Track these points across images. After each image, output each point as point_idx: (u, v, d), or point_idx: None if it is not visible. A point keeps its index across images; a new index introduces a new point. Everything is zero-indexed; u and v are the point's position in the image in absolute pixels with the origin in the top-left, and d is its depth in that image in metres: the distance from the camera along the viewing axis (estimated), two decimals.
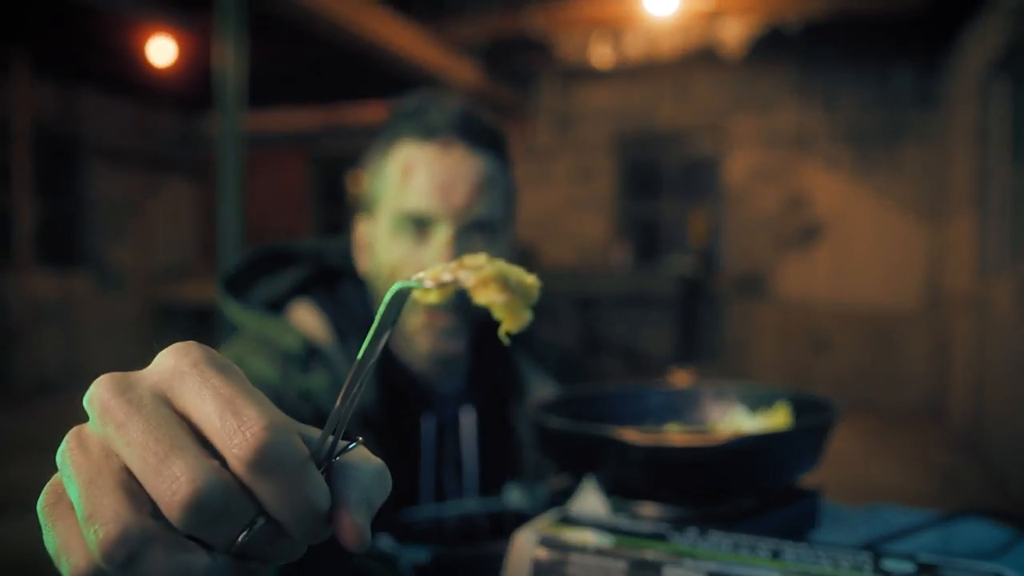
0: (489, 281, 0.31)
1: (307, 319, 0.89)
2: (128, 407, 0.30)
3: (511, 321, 0.32)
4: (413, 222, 0.85)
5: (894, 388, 6.27)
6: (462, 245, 0.84)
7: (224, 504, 0.28)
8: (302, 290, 0.93)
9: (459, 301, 0.84)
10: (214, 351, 0.32)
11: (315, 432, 0.33)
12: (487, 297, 0.31)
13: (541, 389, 0.97)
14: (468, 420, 0.94)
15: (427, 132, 0.85)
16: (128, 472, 0.29)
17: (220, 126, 3.89)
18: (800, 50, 6.14)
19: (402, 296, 0.31)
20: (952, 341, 5.61)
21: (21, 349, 6.30)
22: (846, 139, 6.38)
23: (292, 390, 0.81)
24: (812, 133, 6.46)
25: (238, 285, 0.90)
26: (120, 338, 7.71)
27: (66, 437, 0.31)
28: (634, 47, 5.33)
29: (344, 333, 0.89)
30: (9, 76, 6.09)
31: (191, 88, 7.05)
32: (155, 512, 0.28)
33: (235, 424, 0.29)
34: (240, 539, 0.29)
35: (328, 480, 0.32)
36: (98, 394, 0.30)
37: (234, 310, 0.87)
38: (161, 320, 8.01)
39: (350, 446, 0.34)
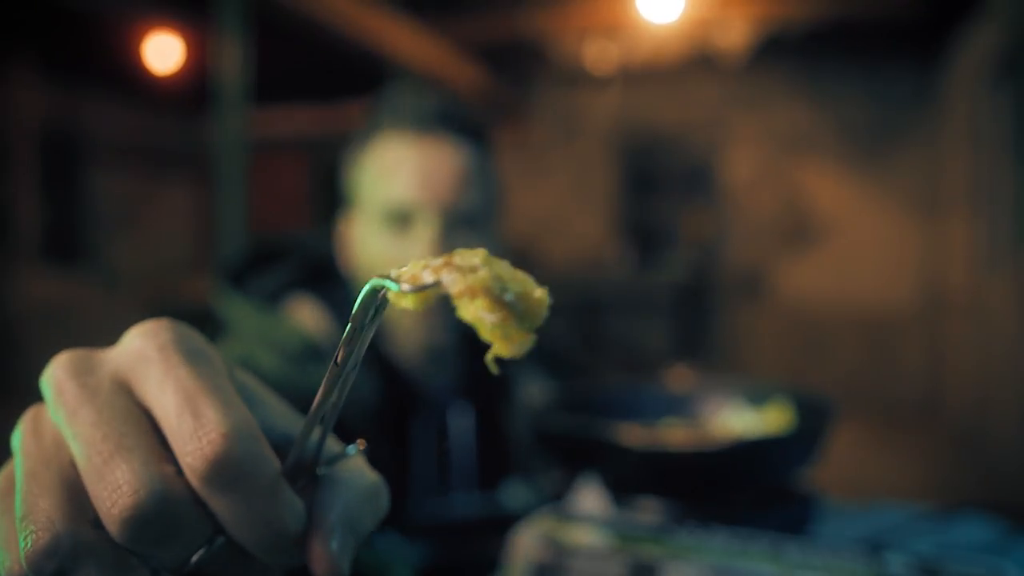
0: (479, 291, 0.25)
1: (309, 315, 0.87)
2: (81, 393, 0.26)
3: (504, 346, 0.25)
4: (396, 215, 0.82)
5: (892, 386, 6.28)
6: (446, 238, 0.82)
7: (171, 520, 0.24)
8: (299, 284, 0.90)
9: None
10: (190, 333, 0.28)
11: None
12: (474, 312, 0.24)
13: (533, 384, 0.96)
14: (460, 416, 0.93)
15: (407, 124, 0.83)
16: (76, 468, 0.25)
17: (220, 127, 3.89)
18: (799, 51, 6.15)
19: (378, 294, 0.26)
20: (950, 339, 5.61)
21: (22, 348, 6.31)
22: (845, 139, 6.38)
23: (303, 386, 0.78)
24: (811, 133, 6.47)
25: (234, 280, 0.88)
26: (118, 338, 7.70)
27: (22, 418, 0.28)
28: (635, 49, 5.33)
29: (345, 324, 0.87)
30: (11, 77, 6.09)
31: (193, 88, 7.05)
32: (99, 519, 0.24)
33: (192, 427, 0.24)
34: (194, 560, 0.25)
35: (309, 496, 0.27)
36: (54, 373, 0.27)
37: (238, 307, 0.84)
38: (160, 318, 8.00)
39: (348, 451, 0.29)
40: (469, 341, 0.96)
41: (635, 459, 0.59)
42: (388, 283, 0.25)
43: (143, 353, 0.27)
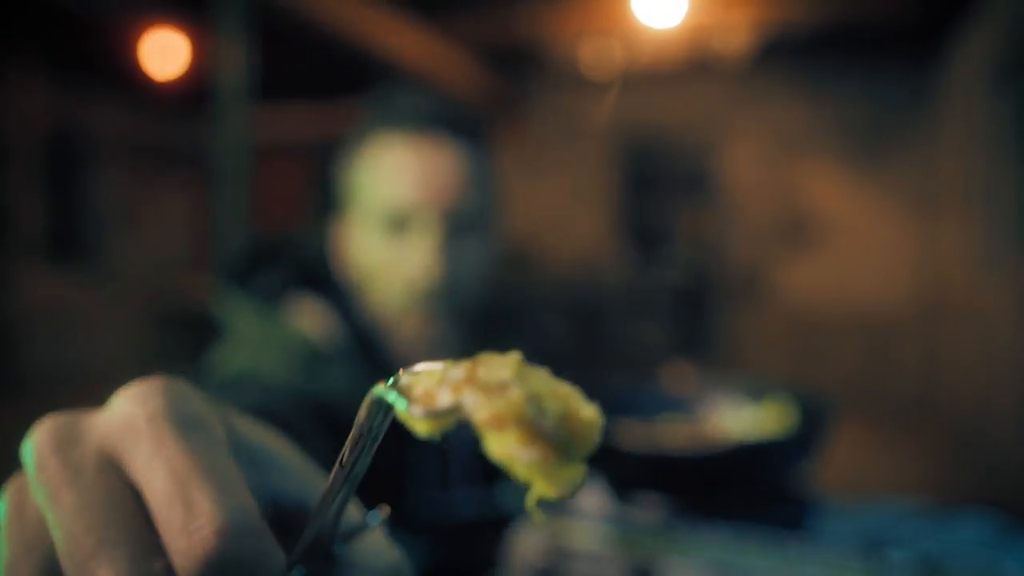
0: (510, 420, 0.20)
1: (311, 315, 0.86)
2: (63, 471, 0.23)
3: (547, 485, 0.20)
4: (393, 218, 0.81)
5: (891, 386, 6.28)
6: (446, 240, 0.82)
7: None
8: (299, 283, 0.90)
9: (445, 296, 0.84)
10: (186, 396, 0.25)
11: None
12: (504, 447, 0.20)
13: None
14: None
15: (405, 125, 0.82)
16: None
17: (220, 127, 3.89)
18: (798, 52, 6.15)
19: (383, 409, 0.23)
20: (949, 339, 5.61)
21: (20, 349, 6.31)
22: (844, 140, 6.38)
23: (309, 389, 0.77)
24: (810, 134, 6.47)
25: (236, 280, 0.87)
26: (121, 337, 7.71)
27: (7, 488, 0.25)
28: (635, 50, 5.33)
29: (351, 328, 0.87)
30: (12, 78, 6.09)
31: (193, 89, 7.06)
32: None
33: (182, 519, 0.22)
34: None
35: None
36: (36, 444, 0.24)
37: (241, 308, 0.84)
38: (162, 320, 8.01)
39: (368, 522, 0.27)
40: (469, 336, 0.96)
41: (635, 459, 0.59)
42: (396, 400, 0.22)
43: (132, 423, 0.24)
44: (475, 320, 0.93)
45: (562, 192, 7.27)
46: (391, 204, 0.82)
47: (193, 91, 7.06)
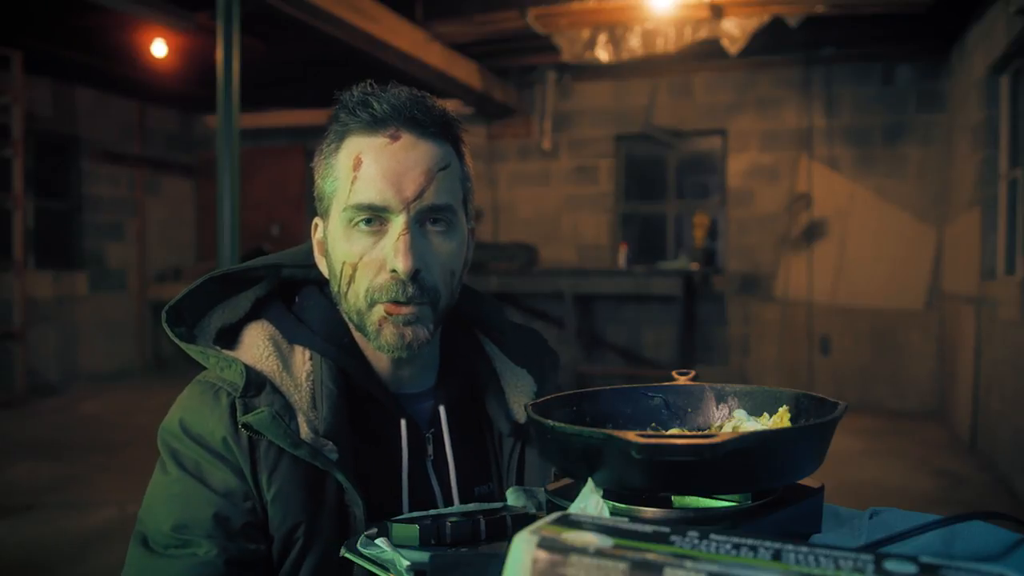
0: None
1: (256, 343, 0.86)
2: None
3: None
4: (365, 216, 0.83)
5: (897, 388, 6.27)
6: (416, 235, 0.82)
7: None
8: (262, 306, 0.90)
9: (419, 291, 0.84)
10: None
11: None
12: None
13: (515, 381, 0.96)
14: (445, 419, 0.92)
15: (373, 124, 0.83)
16: None
17: (220, 126, 3.88)
18: (801, 48, 6.14)
19: None
20: (955, 342, 5.60)
21: (18, 349, 6.30)
22: (848, 138, 6.38)
23: (239, 439, 0.80)
24: (814, 132, 6.46)
25: (189, 315, 0.87)
26: (117, 338, 7.71)
27: None
28: (635, 49, 5.32)
29: (305, 342, 0.87)
30: (5, 75, 6.09)
31: (188, 87, 7.05)
32: None
33: None
34: None
35: None
36: None
37: (181, 345, 0.85)
38: (159, 320, 8.00)
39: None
40: (448, 342, 0.96)
41: (635, 461, 0.59)
42: None
43: None
44: (453, 317, 0.94)
45: (562, 192, 7.27)
46: (356, 203, 0.83)
47: (192, 89, 7.06)
